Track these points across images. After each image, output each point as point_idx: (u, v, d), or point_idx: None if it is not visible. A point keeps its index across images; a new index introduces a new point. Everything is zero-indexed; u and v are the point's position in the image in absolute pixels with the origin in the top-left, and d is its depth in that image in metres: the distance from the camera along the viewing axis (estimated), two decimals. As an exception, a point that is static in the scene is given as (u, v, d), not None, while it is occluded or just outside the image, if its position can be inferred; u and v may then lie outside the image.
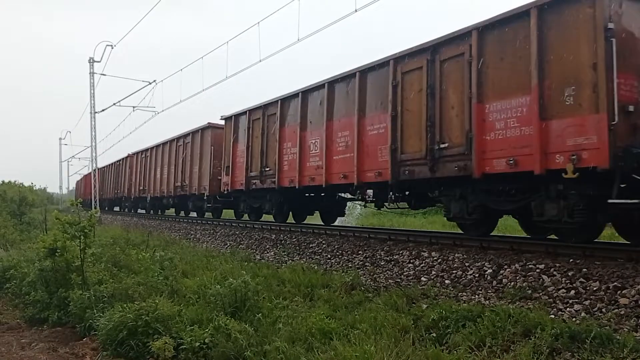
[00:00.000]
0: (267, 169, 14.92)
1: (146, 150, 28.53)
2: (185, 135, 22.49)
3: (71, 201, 9.79)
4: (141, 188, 28.90)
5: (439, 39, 9.22)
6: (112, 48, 27.89)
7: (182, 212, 25.70)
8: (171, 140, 24.40)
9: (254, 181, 15.71)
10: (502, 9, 8.22)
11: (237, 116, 16.97)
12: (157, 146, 26.66)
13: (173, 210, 27.52)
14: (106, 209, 38.35)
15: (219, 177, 18.54)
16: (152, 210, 29.24)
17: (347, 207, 16.30)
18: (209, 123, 20.06)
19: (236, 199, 17.95)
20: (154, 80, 27.75)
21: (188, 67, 23.37)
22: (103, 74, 29.64)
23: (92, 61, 29.08)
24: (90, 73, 29.32)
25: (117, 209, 38.75)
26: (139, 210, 32.38)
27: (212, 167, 19.29)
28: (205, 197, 19.87)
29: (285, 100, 14.14)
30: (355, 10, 12.71)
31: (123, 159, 33.61)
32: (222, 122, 18.17)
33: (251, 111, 16.04)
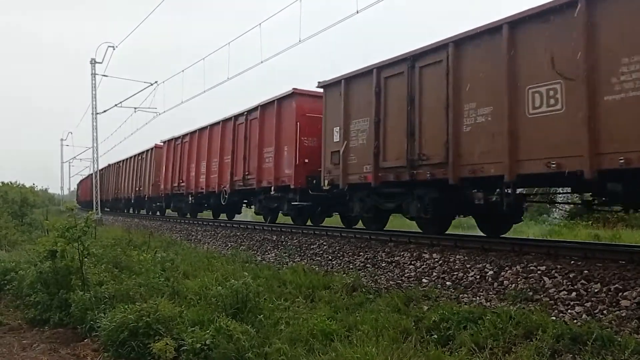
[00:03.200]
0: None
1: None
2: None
3: (66, 205, 9.71)
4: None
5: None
6: (114, 49, 27.95)
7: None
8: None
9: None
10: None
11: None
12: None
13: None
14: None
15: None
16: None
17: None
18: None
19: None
20: (156, 82, 27.78)
21: (189, 68, 23.27)
22: (105, 75, 29.72)
23: (93, 62, 29.14)
24: (92, 74, 29.38)
25: (122, 210, 37.01)
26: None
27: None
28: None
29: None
30: (357, 12, 12.70)
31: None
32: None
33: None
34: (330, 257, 10.39)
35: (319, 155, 12.93)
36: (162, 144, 26.03)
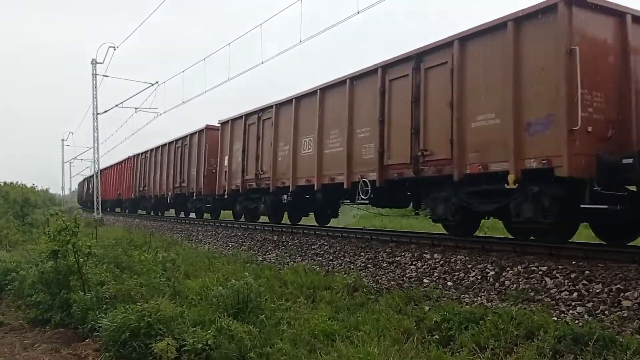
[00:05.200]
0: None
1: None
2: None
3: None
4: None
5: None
6: (115, 50, 27.93)
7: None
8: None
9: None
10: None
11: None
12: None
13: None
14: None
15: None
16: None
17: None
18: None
19: None
20: (157, 82, 27.77)
21: (190, 69, 23.23)
22: (105, 76, 29.70)
23: (94, 63, 29.14)
24: (92, 74, 29.38)
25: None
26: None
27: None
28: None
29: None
30: (358, 12, 12.71)
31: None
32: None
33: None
34: (331, 258, 10.39)
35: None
36: (217, 125, 19.54)
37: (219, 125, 18.94)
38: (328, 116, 12.39)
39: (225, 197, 18.08)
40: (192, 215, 23.56)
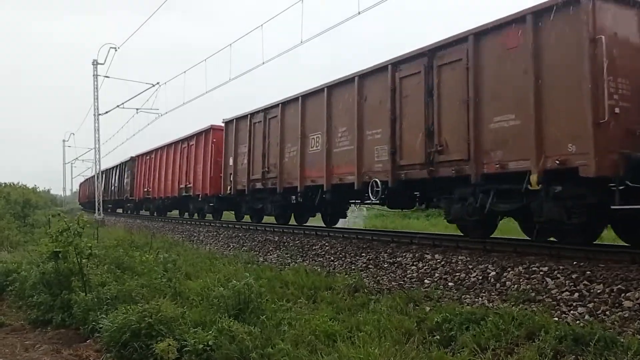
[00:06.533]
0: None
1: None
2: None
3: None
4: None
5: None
6: (116, 50, 27.96)
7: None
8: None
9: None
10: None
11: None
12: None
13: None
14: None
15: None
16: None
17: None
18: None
19: None
20: (157, 83, 27.79)
21: (191, 69, 23.24)
22: (107, 76, 29.74)
23: (95, 63, 29.17)
24: (93, 75, 29.42)
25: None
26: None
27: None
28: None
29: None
30: (359, 13, 12.72)
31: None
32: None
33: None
34: (332, 258, 10.39)
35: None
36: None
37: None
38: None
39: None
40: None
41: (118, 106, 30.70)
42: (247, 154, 16.29)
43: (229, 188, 17.55)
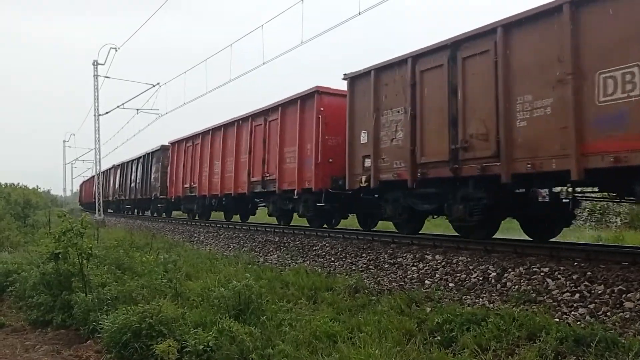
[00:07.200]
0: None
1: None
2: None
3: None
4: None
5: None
6: (116, 51, 27.97)
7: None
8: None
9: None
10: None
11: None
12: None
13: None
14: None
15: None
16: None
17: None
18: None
19: None
20: (158, 83, 27.79)
21: (192, 70, 23.29)
22: (107, 77, 29.75)
23: (96, 64, 29.19)
24: (94, 75, 29.43)
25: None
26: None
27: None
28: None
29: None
30: (359, 13, 12.71)
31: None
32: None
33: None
34: (332, 259, 10.39)
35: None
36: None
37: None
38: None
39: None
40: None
41: (118, 106, 30.72)
42: (408, 123, 10.15)
43: (362, 179, 11.39)
